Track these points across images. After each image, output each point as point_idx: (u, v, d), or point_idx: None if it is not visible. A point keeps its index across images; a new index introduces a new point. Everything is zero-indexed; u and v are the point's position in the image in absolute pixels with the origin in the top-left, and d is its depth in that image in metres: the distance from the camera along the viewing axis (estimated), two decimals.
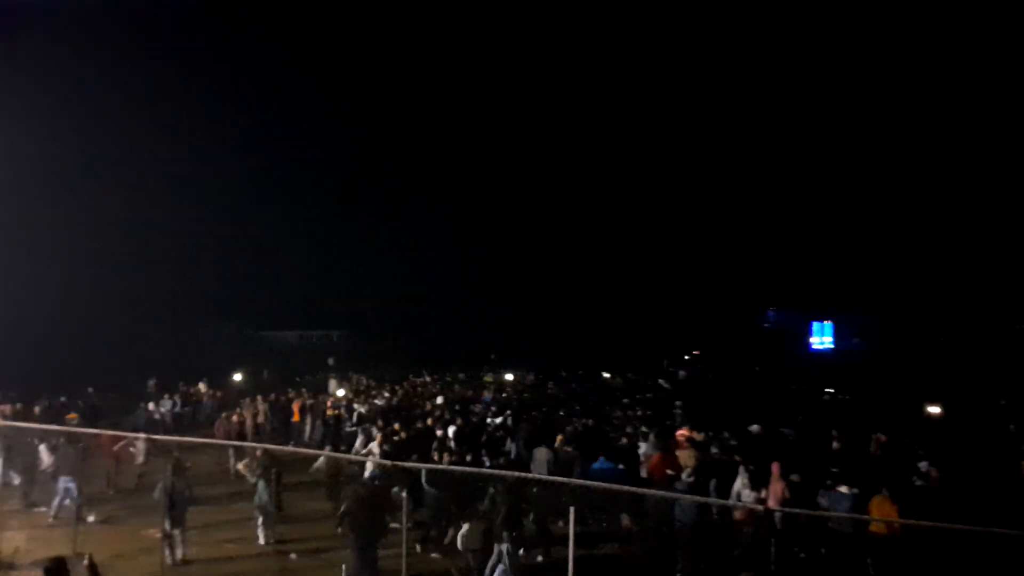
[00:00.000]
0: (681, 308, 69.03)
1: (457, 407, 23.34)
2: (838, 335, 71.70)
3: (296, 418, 23.25)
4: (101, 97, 47.52)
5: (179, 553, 13.60)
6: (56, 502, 16.36)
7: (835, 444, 16.59)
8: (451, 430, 18.02)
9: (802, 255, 72.11)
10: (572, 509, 8.25)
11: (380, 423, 18.61)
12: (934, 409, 22.29)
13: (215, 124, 59.05)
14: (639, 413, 22.33)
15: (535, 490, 12.11)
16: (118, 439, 18.70)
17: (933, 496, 12.85)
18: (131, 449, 20.34)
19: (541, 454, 15.46)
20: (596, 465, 14.21)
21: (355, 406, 23.34)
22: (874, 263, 64.93)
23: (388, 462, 12.95)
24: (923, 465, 14.11)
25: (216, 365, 39.69)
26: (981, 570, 10.32)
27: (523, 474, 11.24)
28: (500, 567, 11.00)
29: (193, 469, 19.83)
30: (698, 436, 17.21)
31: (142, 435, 16.15)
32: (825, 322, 72.66)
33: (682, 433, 17.29)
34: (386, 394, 26.27)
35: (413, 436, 17.37)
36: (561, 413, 22.39)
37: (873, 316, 66.94)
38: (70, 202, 40.53)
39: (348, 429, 19.80)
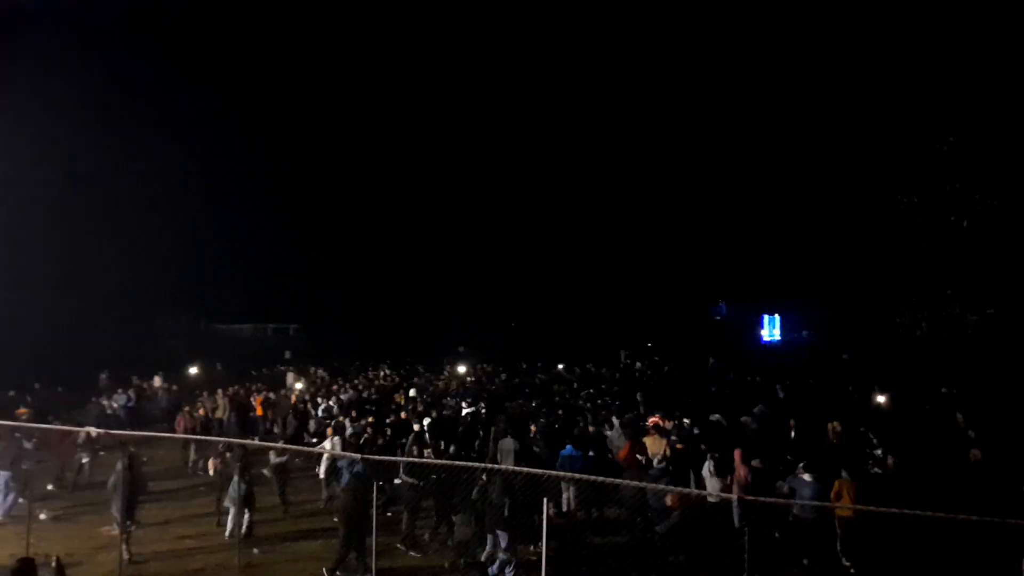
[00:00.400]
0: (634, 301, 69.63)
1: (428, 399, 23.22)
2: (785, 328, 73.25)
3: (259, 412, 22.93)
4: (54, 88, 45.89)
5: (124, 552, 13.31)
6: (9, 500, 15.95)
7: (792, 433, 17.05)
8: (426, 422, 17.89)
9: (752, 248, 73.28)
10: (546, 501, 8.29)
11: (353, 414, 18.39)
12: (882, 398, 22.91)
13: (168, 114, 57.58)
14: (606, 402, 22.57)
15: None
16: (68, 434, 18.30)
17: (889, 483, 13.36)
18: (80, 444, 19.94)
19: (508, 444, 15.54)
20: (564, 452, 14.36)
21: (320, 400, 23.02)
22: (819, 257, 66.28)
23: (375, 456, 12.91)
24: (878, 453, 14.59)
25: (170, 358, 38.87)
26: (938, 552, 10.83)
27: (515, 468, 11.19)
28: (501, 557, 11.05)
29: (150, 464, 19.64)
30: (667, 424, 17.52)
31: (99, 430, 15.74)
32: (774, 315, 74.12)
33: (654, 420, 17.59)
34: (350, 389, 25.99)
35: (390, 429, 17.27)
36: (534, 404, 22.45)
37: (818, 309, 68.35)
38: (15, 192, 39.15)
39: (325, 423, 19.48)
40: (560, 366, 38.20)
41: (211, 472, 15.32)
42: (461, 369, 36.69)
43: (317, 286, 59.84)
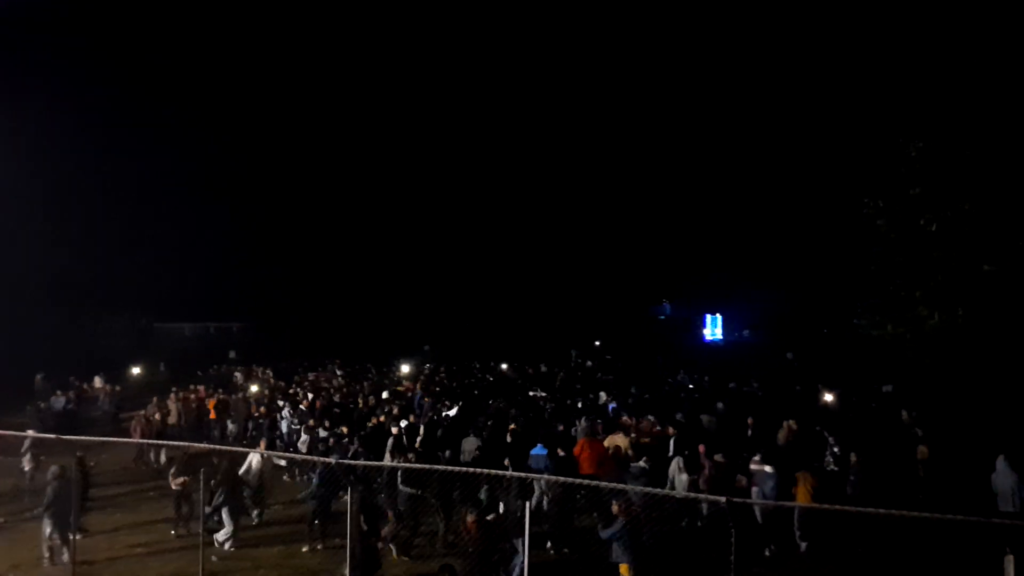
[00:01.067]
0: (580, 300, 70.03)
1: (402, 401, 22.61)
2: (726, 327, 74.63)
3: (212, 416, 22.14)
4: None
5: (64, 558, 12.80)
6: None
7: (750, 432, 17.39)
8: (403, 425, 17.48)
9: (694, 248, 74.44)
10: (527, 503, 8.23)
11: (327, 423, 17.76)
12: (829, 397, 23.46)
13: (104, 110, 55.74)
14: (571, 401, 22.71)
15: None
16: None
17: (845, 479, 13.80)
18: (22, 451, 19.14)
19: (469, 444, 15.47)
20: (534, 451, 14.36)
21: (279, 403, 22.26)
22: (761, 258, 67.74)
23: (361, 462, 12.64)
24: (836, 451, 14.98)
25: (108, 358, 37.55)
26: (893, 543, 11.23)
27: (524, 474, 10.97)
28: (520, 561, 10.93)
29: (96, 469, 18.89)
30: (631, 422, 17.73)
31: (49, 435, 15.05)
32: (716, 315, 75.41)
33: (626, 421, 17.78)
34: (310, 394, 25.29)
35: (369, 434, 16.82)
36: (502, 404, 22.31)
37: (759, 309, 69.71)
38: None
39: (294, 427, 18.88)
40: (504, 366, 37.91)
41: (173, 485, 14.55)
42: (405, 369, 36.01)
43: (261, 284, 58.58)
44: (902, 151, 17.12)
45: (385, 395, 22.95)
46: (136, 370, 32.27)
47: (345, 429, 17.12)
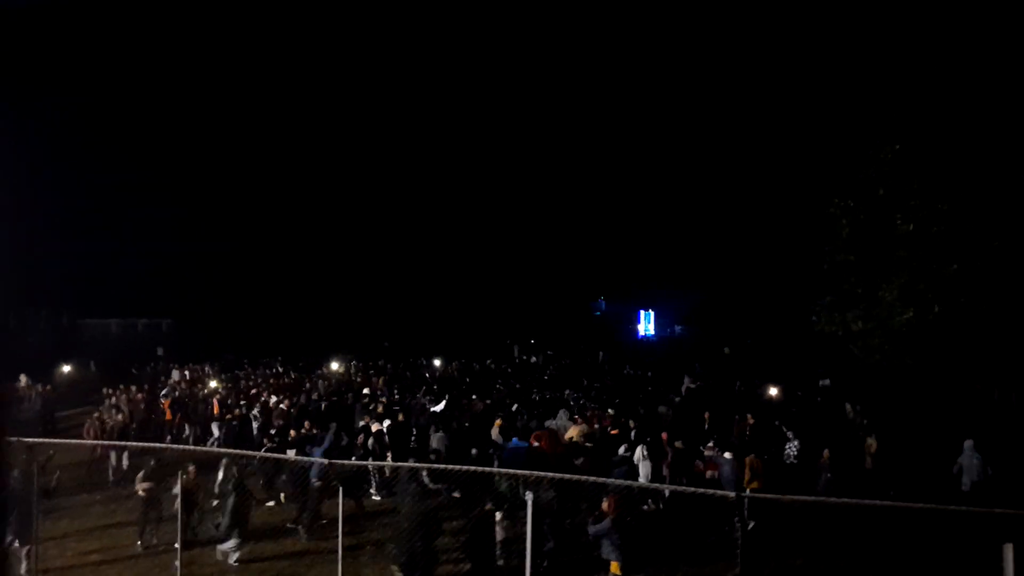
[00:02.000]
0: (517, 296, 70.30)
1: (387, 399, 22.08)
2: (658, 323, 76.12)
3: (168, 416, 21.01)
4: None
5: (23, 568, 12.22)
6: None
7: (706, 425, 17.89)
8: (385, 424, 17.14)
9: (627, 244, 75.52)
10: (529, 499, 8.22)
11: (307, 425, 17.12)
12: (774, 391, 24.21)
13: (27, 98, 52.93)
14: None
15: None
16: None
17: (806, 473, 14.41)
18: None
19: (434, 440, 15.42)
20: (511, 444, 14.45)
21: (245, 403, 21.31)
22: (688, 254, 69.09)
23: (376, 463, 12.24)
24: (795, 444, 15.49)
25: (30, 356, 35.65)
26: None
27: (537, 473, 10.75)
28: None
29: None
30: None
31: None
32: (649, 311, 76.75)
33: (589, 415, 18.01)
34: (277, 394, 24.21)
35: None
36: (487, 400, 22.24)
37: (688, 305, 71.10)
38: None
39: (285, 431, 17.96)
40: (436, 361, 37.60)
41: (140, 491, 13.63)
42: (335, 366, 35.29)
43: (190, 278, 56.68)
44: (874, 153, 17.70)
45: (366, 391, 22.33)
46: (67, 368, 30.70)
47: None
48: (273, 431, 16.40)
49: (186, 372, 32.55)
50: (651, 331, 75.46)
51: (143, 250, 54.67)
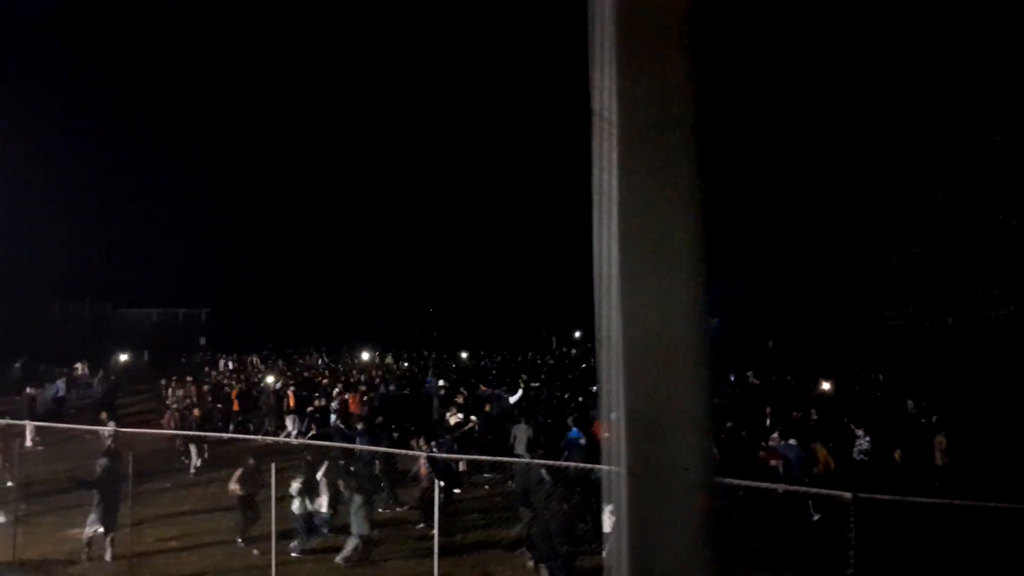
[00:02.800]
0: (548, 286, 69.85)
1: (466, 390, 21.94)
2: None
3: (236, 407, 20.56)
4: None
5: (107, 555, 12.43)
6: None
7: (768, 421, 17.75)
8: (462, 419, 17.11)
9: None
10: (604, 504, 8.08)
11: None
12: (827, 386, 23.84)
13: (67, 94, 53.77)
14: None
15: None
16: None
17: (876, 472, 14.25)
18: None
19: (520, 431, 15.53)
20: (570, 435, 14.56)
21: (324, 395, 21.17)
22: (722, 244, 68.19)
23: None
24: (866, 440, 15.30)
25: (77, 345, 36.16)
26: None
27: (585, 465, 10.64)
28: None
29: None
30: None
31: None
32: None
33: None
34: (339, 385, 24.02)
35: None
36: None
37: (721, 294, 70.19)
38: None
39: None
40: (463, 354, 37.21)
41: (238, 491, 13.11)
42: (365, 356, 35.21)
43: (229, 268, 57.26)
44: (969, 146, 17.21)
45: (441, 383, 22.20)
46: (124, 357, 31.08)
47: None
48: (361, 425, 16.15)
49: (229, 363, 32.84)
50: None
51: (182, 240, 55.45)
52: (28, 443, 18.87)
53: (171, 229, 57.06)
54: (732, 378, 26.84)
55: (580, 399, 20.49)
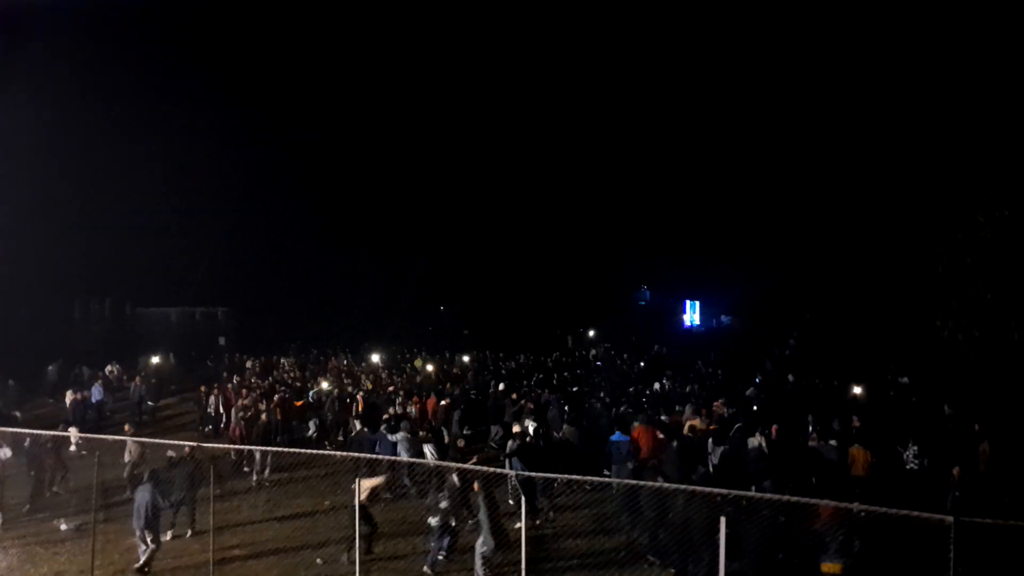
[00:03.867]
0: (563, 289, 69.81)
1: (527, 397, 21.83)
2: (703, 313, 75.36)
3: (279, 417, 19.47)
4: None
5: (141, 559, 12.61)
6: None
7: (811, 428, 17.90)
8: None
9: (666, 234, 74.62)
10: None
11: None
12: (858, 390, 23.92)
13: (80, 92, 53.59)
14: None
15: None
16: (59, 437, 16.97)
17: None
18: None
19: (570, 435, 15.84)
20: (614, 438, 14.86)
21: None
22: (736, 242, 68.07)
23: None
24: (914, 449, 15.42)
25: (96, 346, 36.29)
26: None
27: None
28: None
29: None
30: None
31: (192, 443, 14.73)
32: (694, 301, 75.98)
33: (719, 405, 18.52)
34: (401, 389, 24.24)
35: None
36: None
37: (734, 294, 70.08)
38: None
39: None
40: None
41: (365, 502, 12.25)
42: (375, 358, 35.11)
43: (246, 267, 57.20)
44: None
45: (502, 387, 22.17)
46: (155, 359, 31.22)
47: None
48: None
49: (256, 365, 32.83)
50: (697, 321, 74.78)
51: (199, 239, 55.41)
52: (72, 447, 19.03)
53: (186, 227, 56.89)
54: (758, 379, 27.05)
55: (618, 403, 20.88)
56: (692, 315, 75.40)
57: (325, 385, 23.96)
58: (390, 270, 65.04)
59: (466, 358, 35.04)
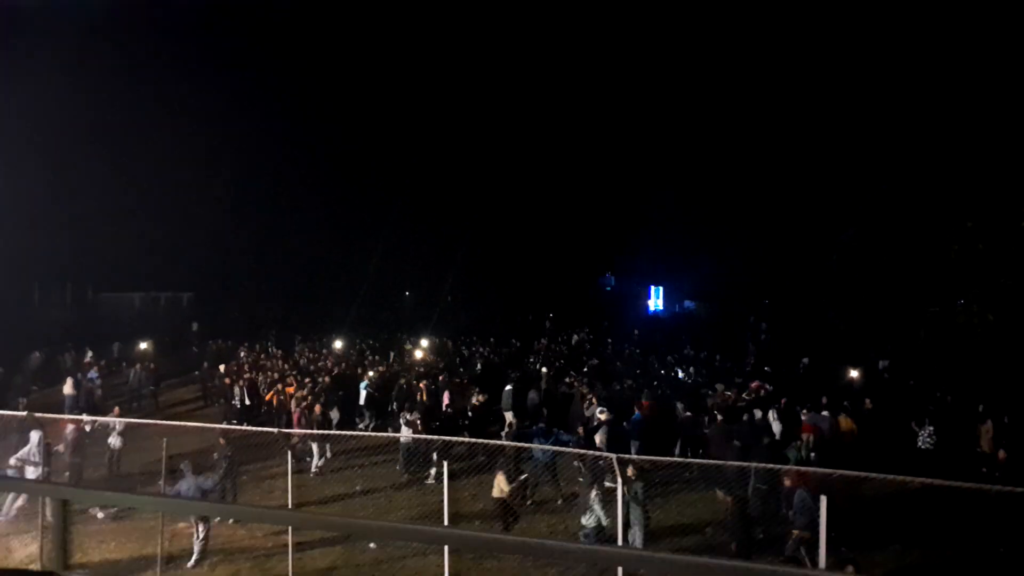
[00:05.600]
0: (530, 275, 69.79)
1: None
2: (666, 299, 76.47)
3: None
4: None
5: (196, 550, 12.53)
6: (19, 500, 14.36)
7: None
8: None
9: (630, 219, 75.04)
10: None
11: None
12: (855, 374, 24.68)
13: (36, 73, 51.34)
14: None
15: None
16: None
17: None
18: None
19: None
20: (635, 417, 15.53)
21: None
22: (698, 227, 68.71)
23: None
24: (930, 428, 16.12)
25: (59, 332, 34.99)
26: None
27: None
28: None
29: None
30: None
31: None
32: (658, 286, 76.96)
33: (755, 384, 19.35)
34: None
35: None
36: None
37: (696, 278, 71.02)
38: None
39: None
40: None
41: (503, 494, 12.67)
42: (338, 344, 34.94)
43: (211, 251, 55.72)
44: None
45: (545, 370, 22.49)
46: (143, 345, 30.36)
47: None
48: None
49: (242, 353, 32.23)
50: (661, 307, 75.79)
51: (163, 223, 53.90)
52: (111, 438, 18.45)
53: (148, 211, 55.23)
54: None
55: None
56: (656, 300, 76.38)
57: (371, 374, 23.44)
58: (354, 253, 64.09)
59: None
